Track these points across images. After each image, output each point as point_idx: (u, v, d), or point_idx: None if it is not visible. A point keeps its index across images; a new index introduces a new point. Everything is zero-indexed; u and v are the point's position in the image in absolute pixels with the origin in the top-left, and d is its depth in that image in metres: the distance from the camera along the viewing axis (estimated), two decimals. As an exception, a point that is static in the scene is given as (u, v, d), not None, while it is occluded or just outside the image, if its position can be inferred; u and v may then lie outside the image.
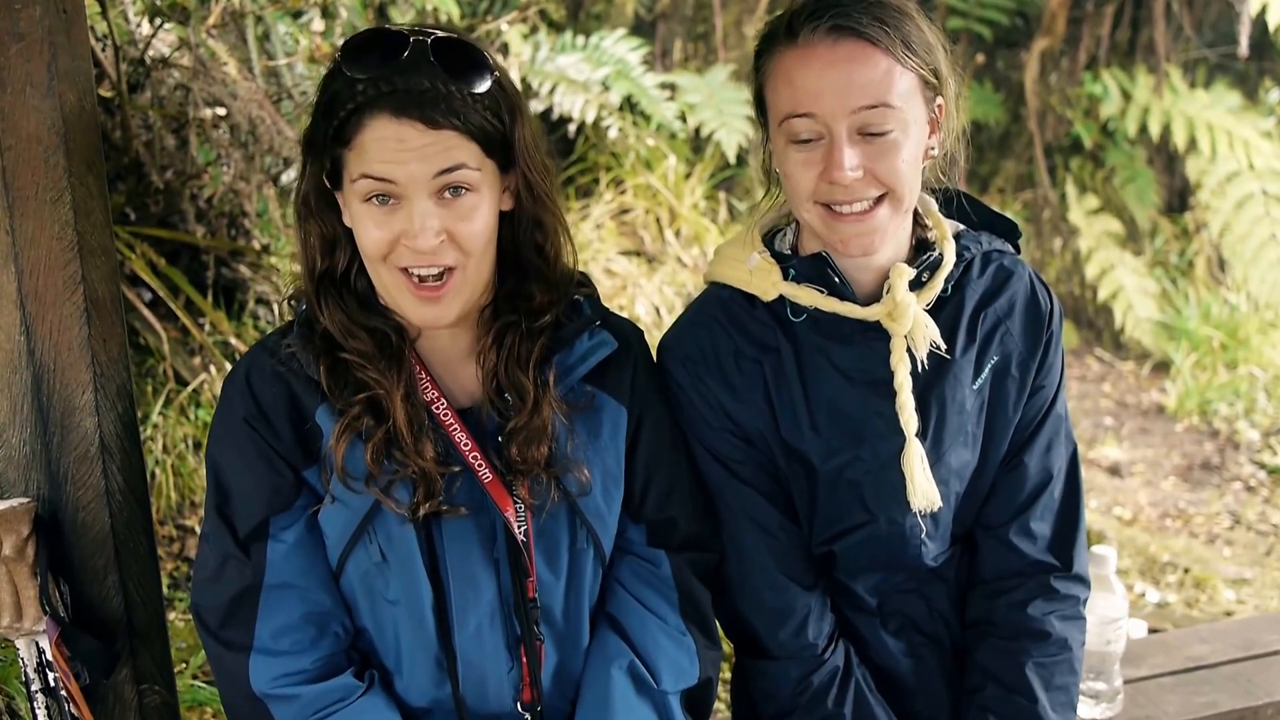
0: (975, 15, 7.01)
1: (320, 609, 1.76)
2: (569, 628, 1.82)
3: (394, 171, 1.61)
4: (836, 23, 1.69)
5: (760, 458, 1.91)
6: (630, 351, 1.85)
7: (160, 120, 4.14)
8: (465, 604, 1.75)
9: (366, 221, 1.65)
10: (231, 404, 1.75)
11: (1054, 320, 1.95)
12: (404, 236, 1.63)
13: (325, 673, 1.74)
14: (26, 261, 1.79)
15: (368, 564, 1.74)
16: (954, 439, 1.90)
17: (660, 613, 1.85)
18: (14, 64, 1.74)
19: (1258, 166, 6.70)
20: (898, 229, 1.81)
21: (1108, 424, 6.25)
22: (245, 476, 1.74)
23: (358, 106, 1.61)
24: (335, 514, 1.73)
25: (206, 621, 1.77)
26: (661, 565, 1.87)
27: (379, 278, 1.70)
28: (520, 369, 1.75)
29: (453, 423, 1.75)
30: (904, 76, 1.71)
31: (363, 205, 1.65)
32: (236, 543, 1.74)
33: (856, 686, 1.96)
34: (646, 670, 1.82)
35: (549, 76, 6.14)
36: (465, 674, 1.76)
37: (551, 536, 1.78)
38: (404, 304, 1.69)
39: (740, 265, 1.91)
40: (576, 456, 1.77)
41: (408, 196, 1.62)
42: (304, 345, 1.73)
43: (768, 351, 1.88)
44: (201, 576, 1.78)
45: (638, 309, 5.80)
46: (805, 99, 1.71)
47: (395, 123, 1.61)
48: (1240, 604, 4.61)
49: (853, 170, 1.69)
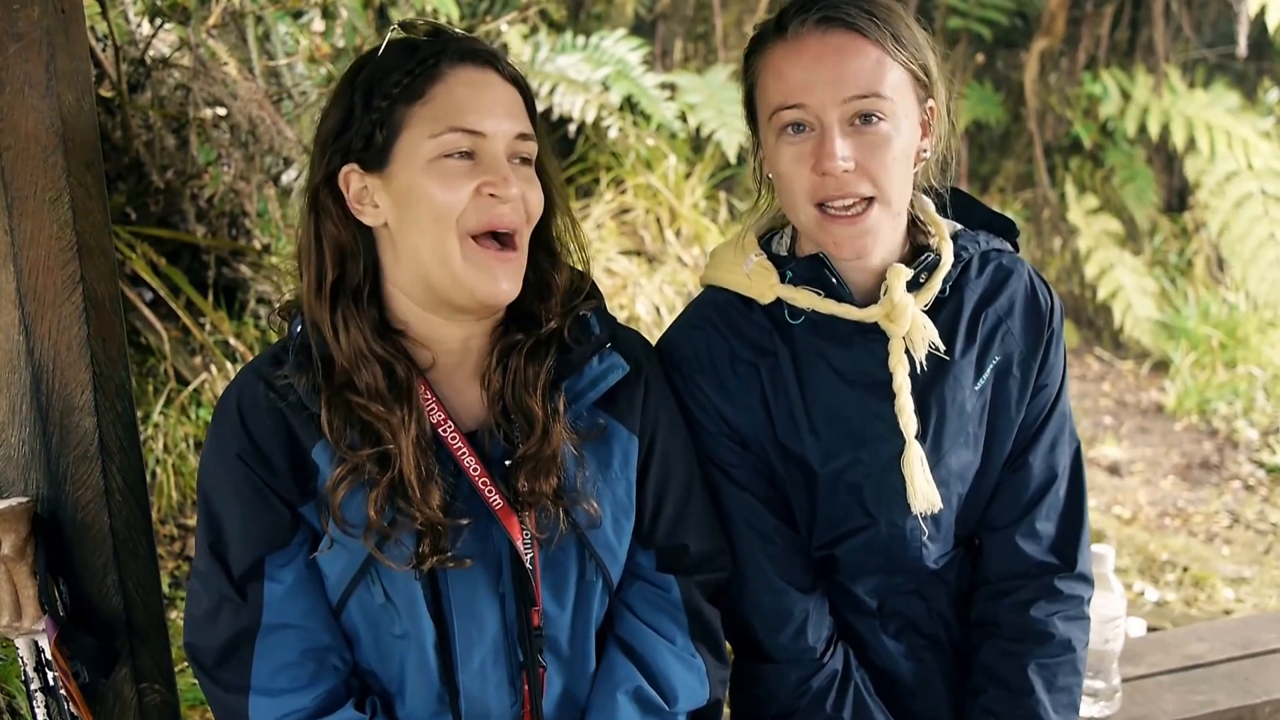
0: (975, 15, 7.03)
1: (319, 645, 1.69)
2: (574, 655, 1.78)
3: (484, 123, 1.58)
4: (825, 14, 1.70)
5: (756, 462, 1.90)
6: (641, 373, 1.79)
7: (160, 120, 4.15)
8: (470, 642, 1.69)
9: (442, 179, 1.58)
10: (223, 438, 1.67)
11: (1055, 318, 1.94)
12: (487, 185, 1.58)
13: (325, 707, 1.68)
14: (25, 261, 1.79)
15: (371, 604, 1.68)
16: (955, 440, 1.89)
17: (670, 635, 1.81)
18: (12, 64, 1.74)
19: (1256, 166, 6.71)
20: (891, 232, 1.80)
21: (1107, 423, 6.26)
22: (240, 514, 1.66)
23: (437, 54, 1.59)
24: (334, 557, 1.65)
25: (201, 662, 1.70)
26: (671, 590, 1.82)
27: (449, 256, 1.60)
28: (528, 393, 1.67)
29: (461, 447, 1.66)
30: (894, 69, 1.71)
31: (435, 163, 1.58)
32: (232, 584, 1.66)
33: (856, 690, 1.95)
34: (658, 693, 1.77)
35: (549, 77, 6.15)
36: (468, 710, 1.71)
37: (560, 569, 1.72)
38: (476, 281, 1.61)
39: (736, 268, 1.90)
40: (586, 489, 1.70)
41: (494, 152, 1.59)
42: (300, 375, 1.63)
43: (765, 355, 1.87)
44: (196, 614, 1.70)
45: (638, 308, 5.81)
46: (796, 90, 1.71)
47: (480, 70, 1.60)
48: (1239, 603, 4.62)
49: (844, 160, 1.69)
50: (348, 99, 1.62)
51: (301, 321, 1.67)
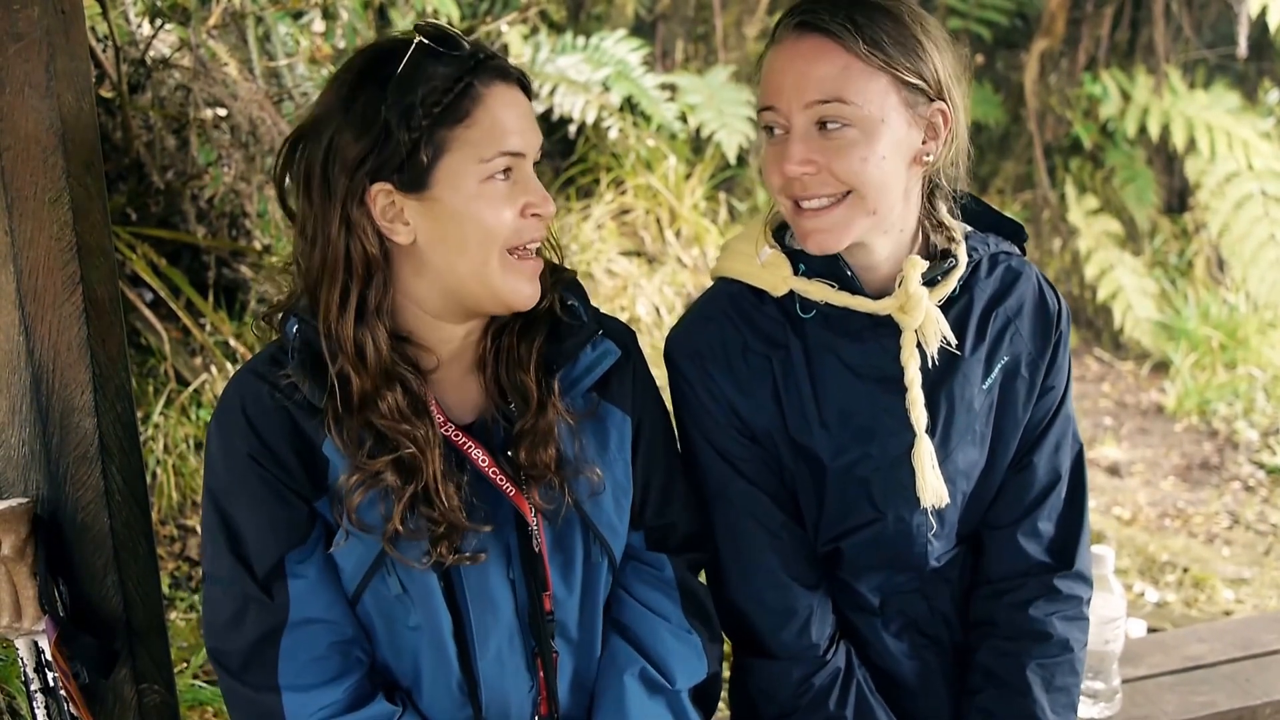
0: (975, 16, 7.02)
1: (344, 638, 1.70)
2: (583, 637, 1.80)
3: (522, 142, 1.62)
4: (803, 19, 1.72)
5: (766, 456, 1.91)
6: (630, 357, 1.82)
7: (161, 121, 4.14)
8: (485, 629, 1.70)
9: (491, 203, 1.60)
10: (231, 442, 1.66)
11: (1062, 321, 1.95)
12: (530, 207, 1.63)
13: (356, 701, 1.69)
14: (25, 262, 1.78)
15: (387, 595, 1.69)
16: (962, 437, 1.89)
17: (665, 613, 1.84)
18: (12, 64, 1.74)
19: (1257, 167, 6.70)
20: (869, 230, 1.79)
21: (1107, 424, 6.26)
22: (258, 514, 1.66)
23: (471, 70, 1.59)
24: (349, 550, 1.66)
25: (228, 666, 1.69)
26: (665, 569, 1.85)
27: (489, 272, 1.62)
28: (522, 369, 1.71)
29: (465, 441, 1.69)
30: (867, 74, 1.70)
31: (484, 185, 1.60)
32: (258, 584, 1.65)
33: (858, 688, 1.95)
34: (659, 673, 1.80)
35: (549, 77, 6.15)
36: (488, 697, 1.73)
37: (566, 552, 1.75)
38: (514, 290, 1.65)
39: (750, 260, 1.90)
40: (587, 459, 1.74)
41: (528, 170, 1.64)
42: (303, 374, 1.63)
43: (776, 347, 1.88)
44: (218, 621, 1.68)
45: (638, 309, 5.81)
46: (770, 93, 1.75)
47: (511, 88, 1.62)
48: (1239, 604, 4.62)
49: (799, 165, 1.71)
50: (378, 116, 1.57)
51: (297, 322, 1.67)
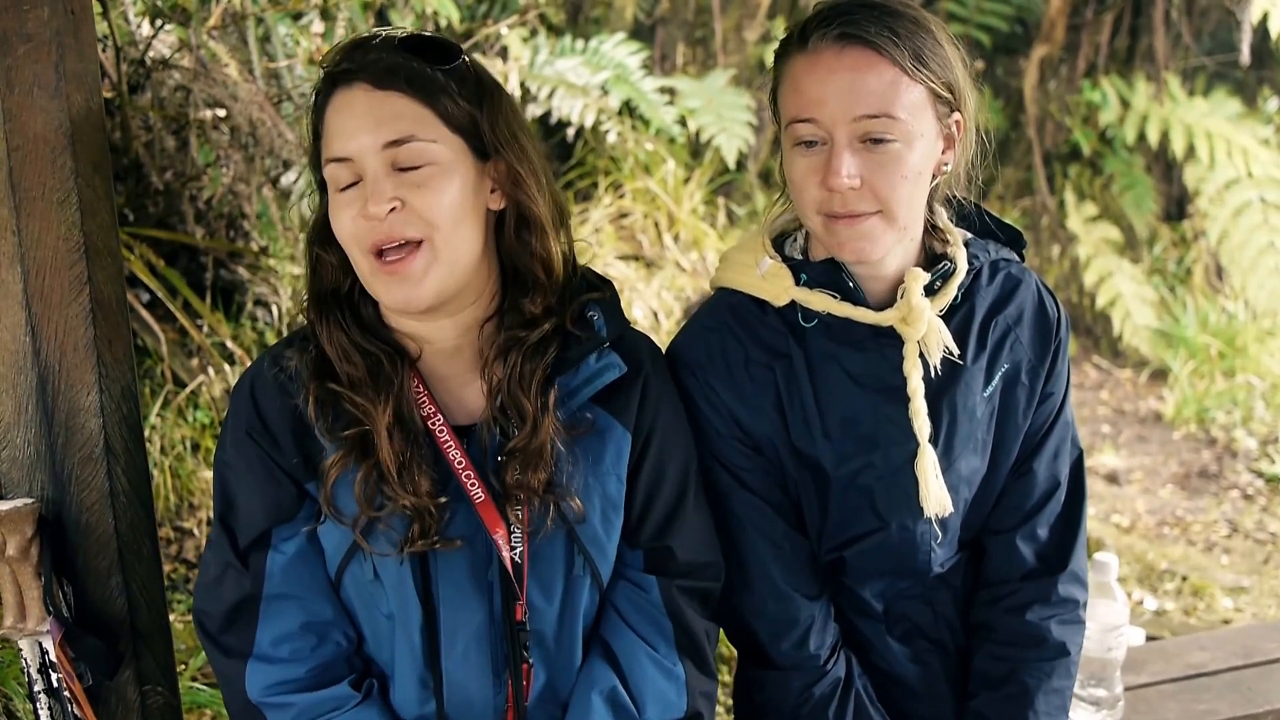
0: (975, 22, 7.02)
1: (320, 618, 1.75)
2: (560, 650, 1.79)
3: (347, 146, 1.62)
4: (844, 30, 1.69)
5: (768, 466, 1.91)
6: (641, 374, 1.80)
7: (160, 121, 4.14)
8: (455, 626, 1.72)
9: (338, 210, 1.66)
10: (237, 415, 1.76)
11: (1061, 328, 1.95)
12: (362, 212, 1.62)
13: (320, 681, 1.74)
14: (33, 262, 1.78)
15: (363, 580, 1.74)
16: (965, 446, 1.90)
17: (652, 641, 1.81)
18: (22, 65, 1.74)
19: (1256, 174, 6.70)
20: (895, 243, 1.80)
21: (1105, 431, 6.26)
22: (248, 487, 1.74)
23: (323, 89, 1.66)
24: (331, 529, 1.73)
25: (207, 627, 1.77)
26: (651, 591, 1.82)
27: (360, 272, 1.68)
28: (522, 389, 1.71)
29: (448, 440, 1.72)
30: (911, 89, 1.70)
31: (336, 196, 1.66)
32: (236, 552, 1.74)
33: (857, 697, 1.96)
34: (630, 698, 1.79)
35: (548, 80, 6.14)
36: (450, 695, 1.74)
37: (548, 562, 1.75)
38: (378, 288, 1.67)
39: (750, 270, 1.90)
40: (574, 483, 1.73)
41: (364, 174, 1.62)
42: (300, 356, 1.74)
43: (779, 358, 1.87)
44: (203, 581, 1.78)
45: (635, 313, 5.80)
46: (809, 105, 1.71)
47: (347, 91, 1.64)
48: (1238, 612, 4.62)
49: (849, 178, 1.69)
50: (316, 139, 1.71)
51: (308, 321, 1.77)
